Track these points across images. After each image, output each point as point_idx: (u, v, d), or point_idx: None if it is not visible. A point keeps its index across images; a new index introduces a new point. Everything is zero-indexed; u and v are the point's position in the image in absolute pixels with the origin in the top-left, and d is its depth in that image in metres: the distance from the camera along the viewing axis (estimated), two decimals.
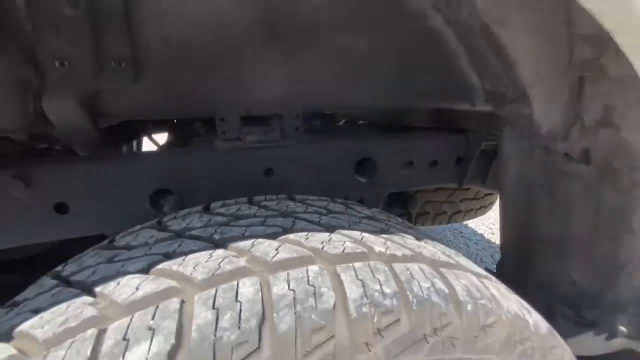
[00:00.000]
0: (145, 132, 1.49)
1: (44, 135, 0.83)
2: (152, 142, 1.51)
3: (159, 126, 1.49)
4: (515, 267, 1.04)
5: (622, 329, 0.78)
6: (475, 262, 3.16)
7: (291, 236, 0.43)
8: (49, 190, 0.73)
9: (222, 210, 0.54)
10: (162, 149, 1.42)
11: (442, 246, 0.58)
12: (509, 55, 0.61)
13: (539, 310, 0.98)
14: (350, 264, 0.39)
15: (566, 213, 0.84)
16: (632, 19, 0.34)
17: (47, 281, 0.46)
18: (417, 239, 0.55)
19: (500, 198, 1.04)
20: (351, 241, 0.44)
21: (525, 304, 0.51)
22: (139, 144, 1.93)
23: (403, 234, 0.53)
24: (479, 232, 3.68)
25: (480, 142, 1.10)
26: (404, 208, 1.21)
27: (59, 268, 0.52)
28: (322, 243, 0.42)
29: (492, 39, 0.61)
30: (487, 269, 1.16)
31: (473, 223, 3.76)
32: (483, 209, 1.67)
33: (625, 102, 0.60)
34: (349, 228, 0.49)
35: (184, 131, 1.33)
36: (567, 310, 0.93)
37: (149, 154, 0.86)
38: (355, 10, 0.74)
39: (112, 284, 0.37)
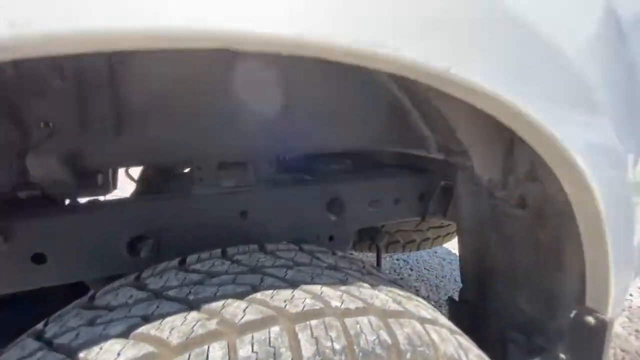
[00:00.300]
0: None
1: (22, 185, 0.86)
2: (128, 177, 1.53)
3: None
4: (474, 294, 1.13)
5: (562, 356, 0.87)
6: (449, 282, 3.23)
7: (258, 295, 0.50)
8: (26, 242, 0.75)
9: (197, 266, 0.60)
10: (139, 184, 1.45)
11: (396, 290, 0.66)
12: (449, 122, 0.71)
13: (494, 336, 1.07)
14: (308, 322, 0.45)
15: (511, 248, 0.94)
16: (515, 114, 0.45)
17: (29, 343, 0.49)
18: (373, 286, 0.62)
19: (457, 231, 1.15)
20: (311, 297, 0.51)
21: (465, 343, 0.59)
22: (115, 173, 1.93)
23: (360, 284, 0.61)
24: (453, 251, 3.80)
25: (439, 181, 1.21)
26: (373, 241, 1.29)
27: (39, 326, 0.55)
28: (285, 302, 0.48)
29: (435, 108, 0.71)
30: (450, 298, 1.25)
31: (448, 243, 3.89)
32: (449, 235, 1.78)
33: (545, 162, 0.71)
34: (312, 282, 0.56)
35: (162, 170, 1.37)
36: (519, 336, 1.02)
37: (126, 202, 0.90)
38: (330, 76, 0.84)
39: (95, 349, 0.42)
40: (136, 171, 1.68)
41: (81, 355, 0.42)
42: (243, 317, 0.44)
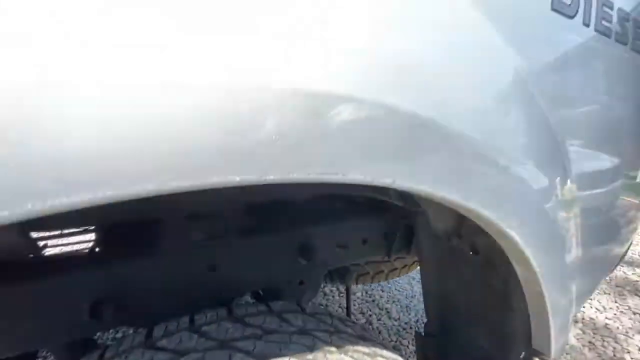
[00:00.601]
0: None
1: None
2: None
3: None
4: (438, 329, 1.19)
5: None
6: (419, 302, 3.29)
7: None
8: None
9: (164, 342, 0.60)
10: (102, 233, 1.38)
11: (362, 349, 0.69)
12: None
13: None
14: None
15: (467, 288, 1.01)
16: (451, 203, 0.51)
17: None
18: (339, 348, 0.65)
19: (419, 265, 1.21)
20: None
21: None
22: None
23: (327, 348, 0.63)
24: None
25: (402, 220, 1.28)
26: (343, 279, 1.33)
27: None
28: None
29: None
30: (417, 333, 1.30)
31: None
32: (416, 264, 1.86)
33: None
34: (280, 353, 0.58)
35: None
36: None
37: (87, 265, 0.85)
38: None
39: None
40: None
41: None
42: None
